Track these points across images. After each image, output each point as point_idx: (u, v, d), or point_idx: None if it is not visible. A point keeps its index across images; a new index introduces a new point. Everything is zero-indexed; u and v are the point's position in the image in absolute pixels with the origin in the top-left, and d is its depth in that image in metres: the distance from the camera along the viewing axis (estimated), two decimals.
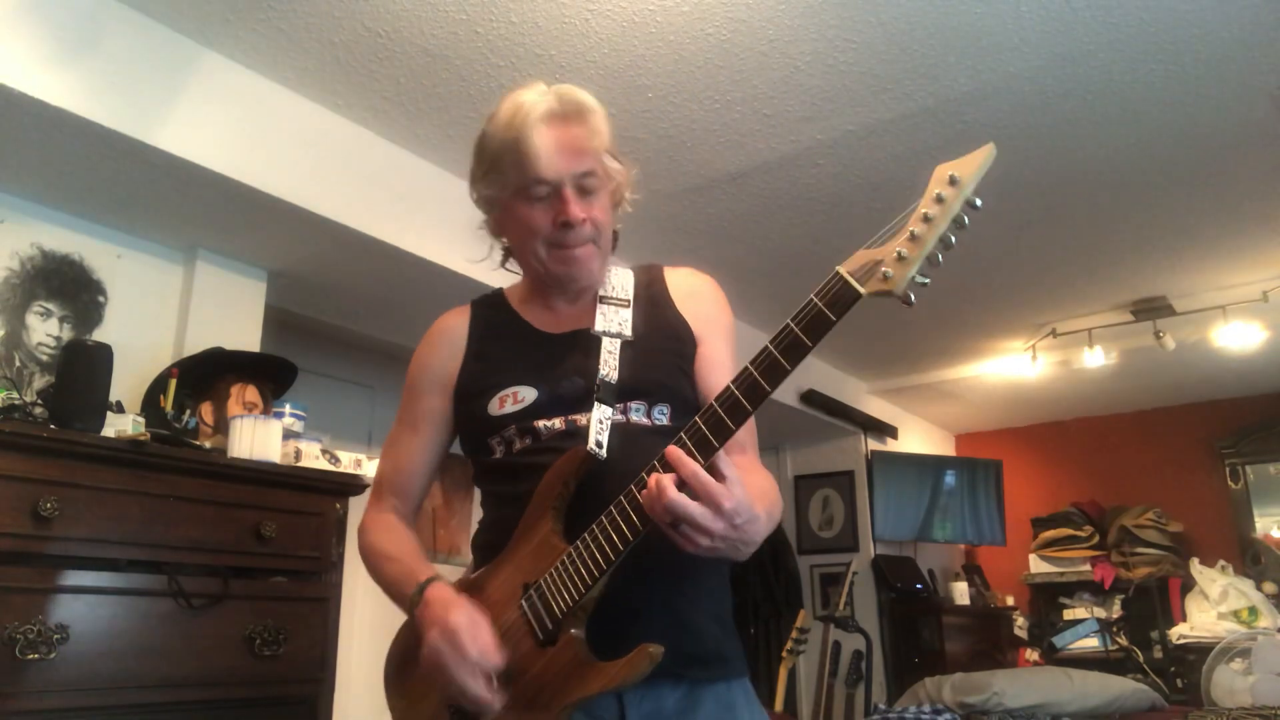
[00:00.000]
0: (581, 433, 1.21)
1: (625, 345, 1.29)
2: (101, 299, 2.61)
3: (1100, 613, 5.41)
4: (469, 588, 1.25)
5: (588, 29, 2.38)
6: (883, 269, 0.98)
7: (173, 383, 2.35)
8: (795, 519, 5.55)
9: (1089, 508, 5.73)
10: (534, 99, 1.28)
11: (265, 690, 2.12)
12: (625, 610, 1.14)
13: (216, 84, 2.42)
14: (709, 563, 1.18)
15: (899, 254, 0.97)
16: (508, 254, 1.40)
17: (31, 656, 1.73)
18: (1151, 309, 4.35)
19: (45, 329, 2.49)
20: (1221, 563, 5.14)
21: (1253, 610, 4.85)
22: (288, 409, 2.57)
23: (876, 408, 5.61)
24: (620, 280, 1.38)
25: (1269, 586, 5.01)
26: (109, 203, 2.52)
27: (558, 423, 1.25)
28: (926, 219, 0.96)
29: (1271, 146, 3.00)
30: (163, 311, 2.74)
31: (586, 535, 1.12)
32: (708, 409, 1.06)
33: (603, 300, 1.34)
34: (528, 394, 1.27)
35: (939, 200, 0.96)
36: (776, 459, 5.70)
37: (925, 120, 2.80)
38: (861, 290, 0.99)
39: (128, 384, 2.43)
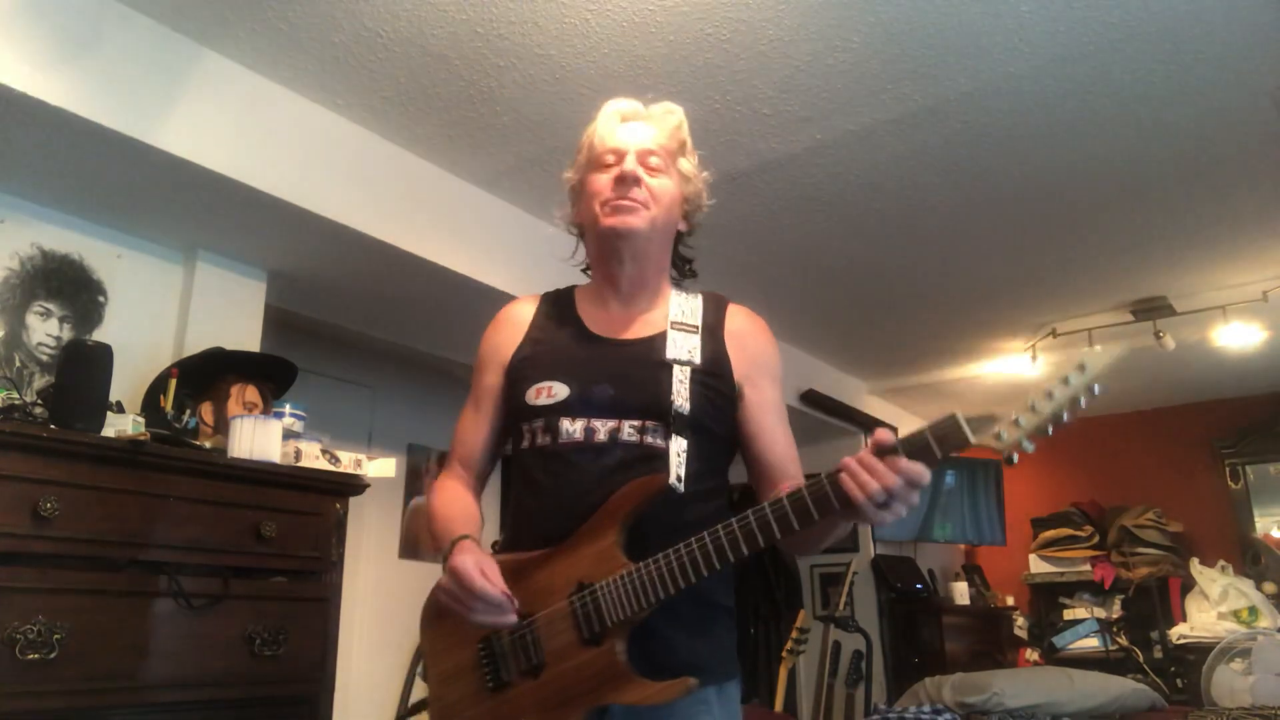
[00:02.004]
0: (595, 447, 1.31)
1: (693, 375, 1.35)
2: (101, 299, 2.61)
3: (1100, 613, 5.41)
4: (519, 565, 1.31)
5: (588, 29, 2.38)
6: (998, 430, 1.07)
7: (173, 383, 2.35)
8: None
9: (1089, 508, 5.73)
10: (619, 100, 1.46)
11: (265, 690, 2.12)
12: None
13: (216, 84, 2.42)
14: (703, 584, 1.26)
15: (1016, 420, 1.06)
16: (588, 264, 1.52)
17: (31, 656, 1.73)
18: (1151, 309, 4.35)
19: (45, 329, 2.49)
20: (1221, 563, 5.14)
21: (1253, 610, 4.85)
22: (288, 409, 2.57)
23: (876, 408, 5.61)
24: (690, 305, 1.45)
25: (1269, 586, 5.01)
26: (109, 203, 2.52)
27: (578, 429, 1.33)
28: (1049, 395, 1.05)
29: (1271, 146, 2.99)
30: (163, 311, 2.74)
31: (653, 563, 1.21)
32: (797, 493, 1.17)
33: (675, 326, 1.41)
34: (560, 390, 1.35)
35: (1065, 383, 1.04)
36: None
37: (925, 120, 2.79)
38: (972, 440, 1.07)
39: (128, 384, 2.43)
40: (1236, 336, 4.31)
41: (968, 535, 5.72)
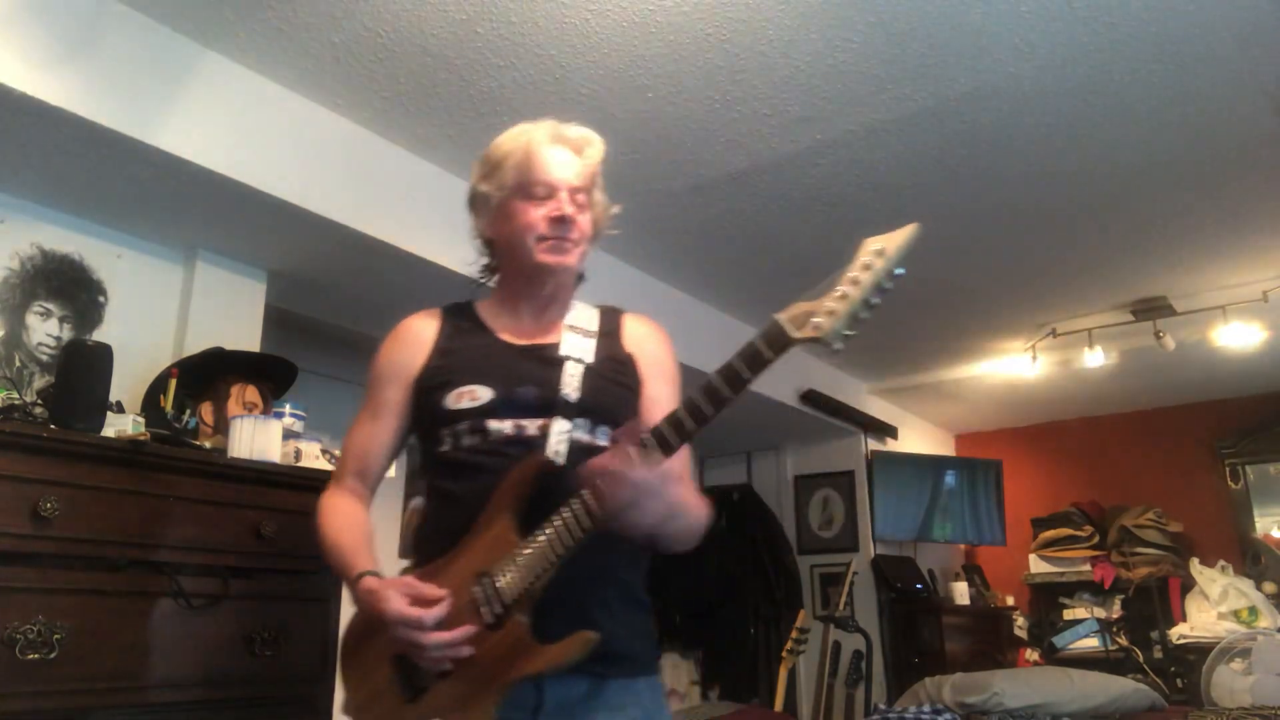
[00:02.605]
0: (526, 440, 1.36)
1: (586, 371, 1.43)
2: (101, 299, 2.61)
3: (1100, 613, 5.41)
4: (426, 575, 1.35)
5: (588, 29, 2.38)
6: (814, 320, 1.12)
7: (173, 383, 2.35)
8: (795, 519, 5.55)
9: (1089, 508, 5.72)
10: (544, 123, 1.47)
11: (265, 690, 2.12)
12: (539, 610, 1.27)
13: (216, 84, 2.42)
14: (621, 571, 1.37)
15: (829, 309, 1.12)
16: (488, 270, 1.57)
17: (31, 656, 1.73)
18: (1151, 309, 4.35)
19: (45, 329, 2.49)
20: (1221, 563, 5.14)
21: (1253, 610, 4.85)
22: (288, 409, 2.57)
23: (876, 408, 5.61)
24: (587, 315, 1.54)
25: (1269, 586, 5.00)
26: (109, 203, 2.52)
27: (507, 426, 1.38)
28: (855, 282, 1.11)
29: (1271, 146, 2.99)
30: (163, 311, 2.74)
31: (539, 533, 1.26)
32: (658, 427, 1.21)
33: (570, 329, 1.49)
34: (484, 394, 1.40)
35: (867, 268, 1.11)
36: (777, 459, 5.70)
37: (925, 120, 2.80)
38: (795, 335, 1.13)
39: (128, 384, 2.43)
40: (1236, 336, 4.30)
41: (968, 535, 5.72)
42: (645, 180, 3.13)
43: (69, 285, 2.54)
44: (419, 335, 1.52)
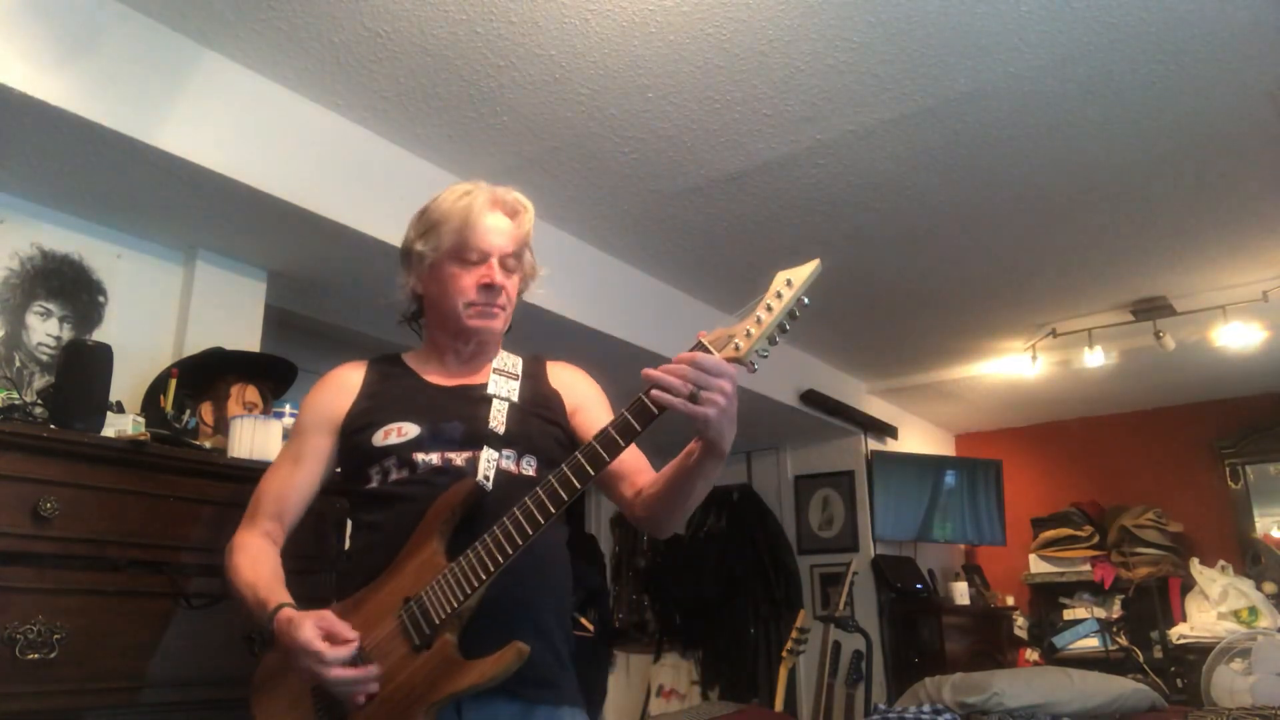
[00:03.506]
0: (454, 470, 1.40)
1: (511, 407, 1.50)
2: (101, 299, 2.61)
3: (1100, 613, 5.41)
4: (355, 603, 1.38)
5: (588, 29, 2.38)
6: (735, 341, 1.24)
7: (173, 383, 2.35)
8: (795, 519, 5.55)
9: (1089, 508, 5.72)
10: (482, 188, 1.54)
11: None
12: (470, 632, 1.29)
13: (216, 84, 2.42)
14: (547, 601, 1.41)
15: (747, 332, 1.24)
16: (413, 316, 1.65)
17: (31, 656, 1.73)
18: (1151, 309, 4.35)
19: (45, 329, 2.49)
20: (1221, 563, 5.14)
21: (1253, 610, 4.85)
22: (288, 409, 2.57)
23: (876, 408, 5.61)
24: (512, 361, 1.62)
25: (1269, 586, 5.00)
26: (109, 203, 2.52)
27: (434, 459, 1.42)
28: (769, 309, 1.22)
29: (1271, 146, 2.99)
30: (163, 311, 2.74)
31: (469, 551, 1.29)
32: (601, 430, 1.27)
33: (496, 371, 1.57)
34: (411, 430, 1.45)
35: (778, 297, 1.22)
36: (776, 459, 5.70)
37: (925, 120, 2.80)
38: (716, 355, 1.23)
39: (128, 384, 2.43)
40: (1236, 336, 4.30)
41: (968, 535, 5.72)
42: (645, 180, 3.14)
43: (69, 285, 2.54)
44: (345, 382, 1.58)
